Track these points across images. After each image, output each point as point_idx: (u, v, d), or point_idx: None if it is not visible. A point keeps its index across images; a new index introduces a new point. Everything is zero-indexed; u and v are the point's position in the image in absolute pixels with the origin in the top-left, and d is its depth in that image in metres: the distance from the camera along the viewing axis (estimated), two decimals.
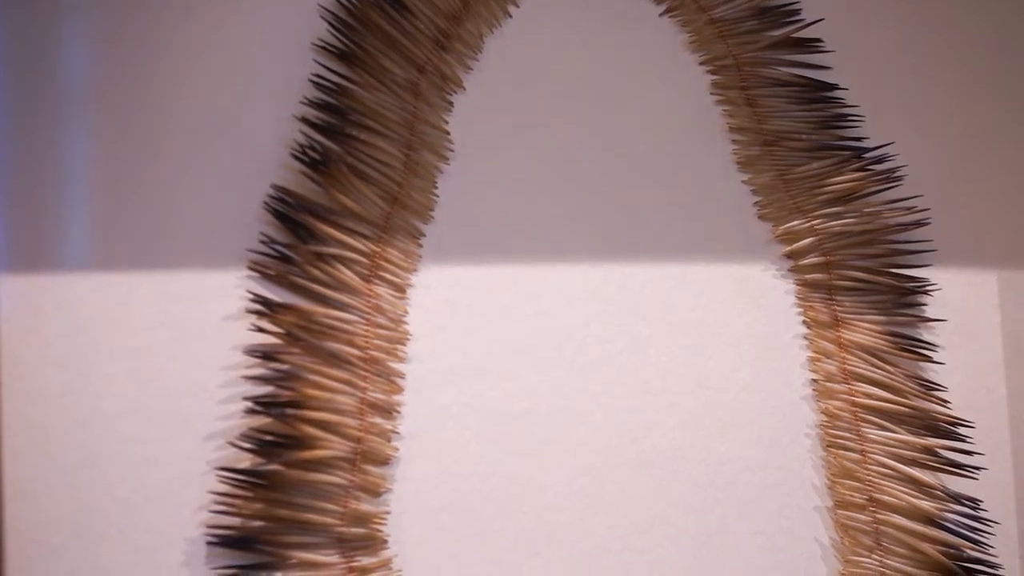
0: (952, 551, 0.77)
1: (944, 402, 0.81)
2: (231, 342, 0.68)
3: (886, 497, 0.78)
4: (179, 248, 0.68)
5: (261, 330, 0.67)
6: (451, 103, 0.75)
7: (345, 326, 0.69)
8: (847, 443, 0.79)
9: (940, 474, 0.79)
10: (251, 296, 0.68)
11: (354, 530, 0.68)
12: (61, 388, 0.65)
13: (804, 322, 0.81)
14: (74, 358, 0.66)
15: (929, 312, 0.83)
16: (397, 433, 0.71)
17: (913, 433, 0.80)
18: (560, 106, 0.78)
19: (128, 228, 0.67)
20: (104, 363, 0.66)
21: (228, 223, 0.69)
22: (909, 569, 0.77)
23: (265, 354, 0.67)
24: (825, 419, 0.80)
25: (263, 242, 0.68)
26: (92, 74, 0.68)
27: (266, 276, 0.69)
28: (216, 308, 0.68)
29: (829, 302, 0.81)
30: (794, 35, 0.82)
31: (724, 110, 0.81)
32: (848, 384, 0.80)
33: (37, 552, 0.64)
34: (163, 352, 0.67)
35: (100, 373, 0.66)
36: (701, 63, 0.81)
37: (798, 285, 0.81)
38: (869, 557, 0.78)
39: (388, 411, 0.71)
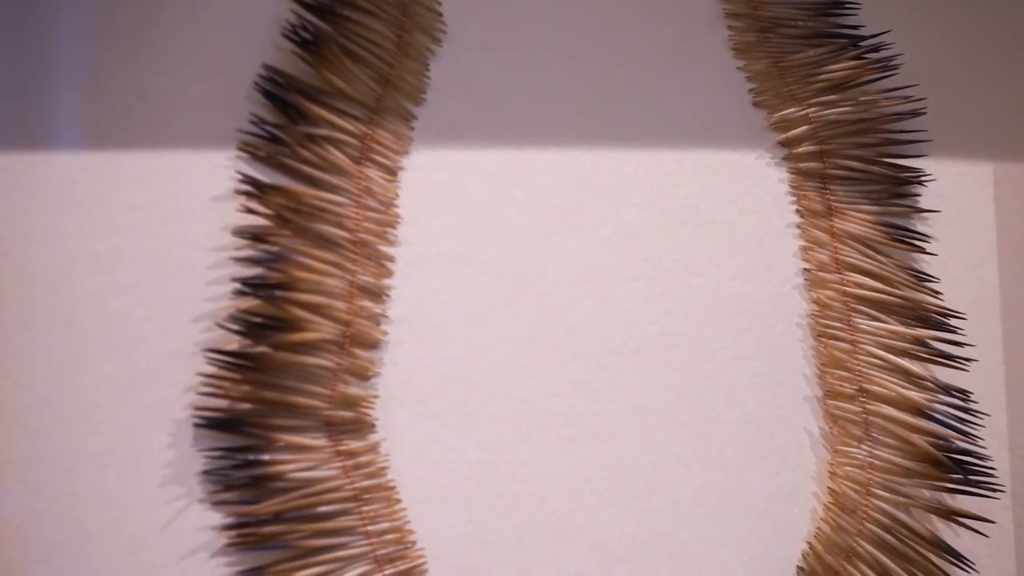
0: (941, 442, 0.77)
1: (936, 293, 0.81)
2: (220, 223, 0.67)
3: (876, 388, 0.78)
4: (168, 127, 0.67)
5: (250, 211, 0.67)
6: None
7: (335, 208, 0.69)
8: (838, 333, 0.79)
9: (930, 365, 0.79)
10: (240, 177, 0.67)
11: (342, 414, 0.68)
12: (48, 266, 0.65)
13: (797, 211, 0.80)
14: (61, 236, 0.65)
15: (923, 203, 0.82)
16: (386, 317, 0.71)
17: (904, 324, 0.79)
18: None
19: (116, 106, 0.67)
20: (91, 241, 0.66)
21: (218, 103, 0.68)
22: (898, 459, 0.77)
23: (254, 235, 0.67)
24: (816, 309, 0.79)
25: (253, 122, 0.68)
26: None
27: (256, 157, 0.68)
28: (205, 188, 0.68)
29: (823, 191, 0.80)
30: None
31: None
32: (840, 274, 0.79)
33: (22, 433, 0.63)
34: (151, 232, 0.67)
35: (87, 251, 0.65)
36: None
37: (792, 174, 0.80)
38: (858, 447, 0.78)
39: (377, 295, 0.70)
